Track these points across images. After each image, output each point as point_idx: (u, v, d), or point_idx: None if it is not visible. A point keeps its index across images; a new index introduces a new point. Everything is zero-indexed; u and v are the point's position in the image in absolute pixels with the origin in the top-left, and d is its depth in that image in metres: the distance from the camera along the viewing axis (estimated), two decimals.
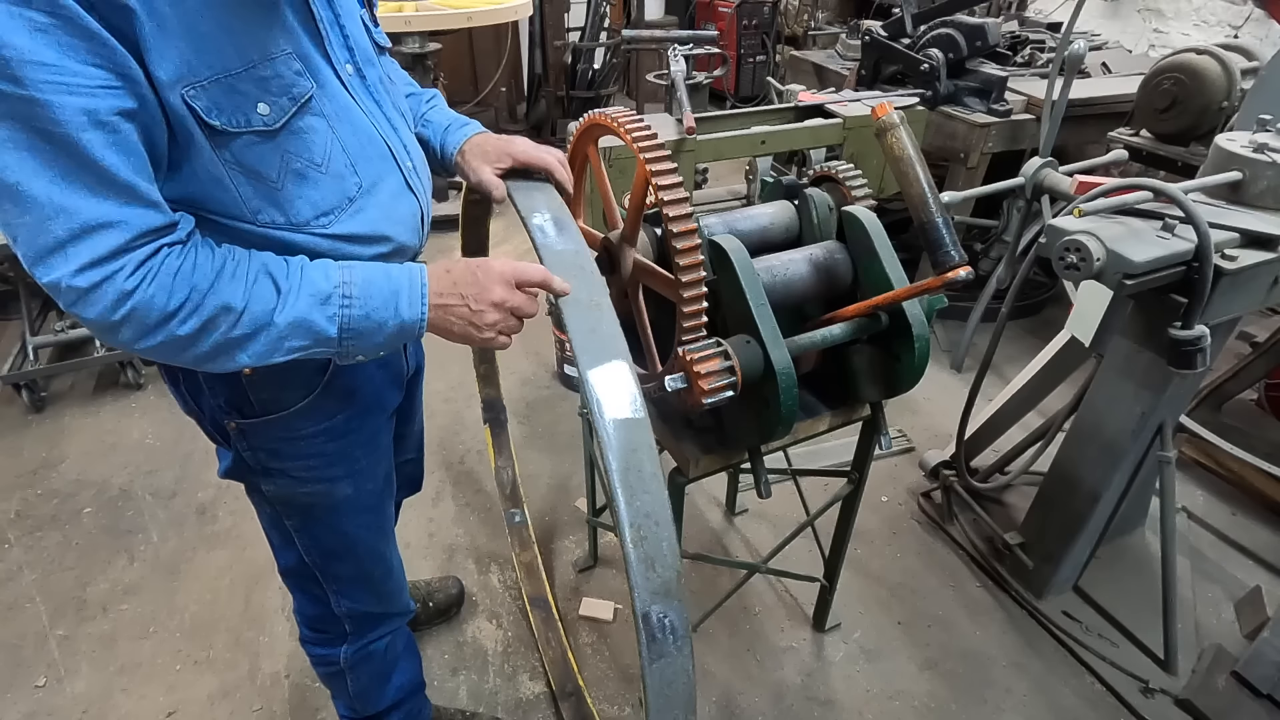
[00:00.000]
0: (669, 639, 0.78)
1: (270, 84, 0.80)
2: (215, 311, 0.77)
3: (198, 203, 0.82)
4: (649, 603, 0.77)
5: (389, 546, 1.29)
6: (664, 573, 0.78)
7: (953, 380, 2.93)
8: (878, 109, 1.07)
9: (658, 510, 0.79)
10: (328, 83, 0.89)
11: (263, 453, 1.04)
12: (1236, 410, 2.53)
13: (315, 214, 0.88)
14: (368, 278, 0.86)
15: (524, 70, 5.69)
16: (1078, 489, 1.83)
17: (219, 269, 0.78)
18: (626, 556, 0.77)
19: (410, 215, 1.01)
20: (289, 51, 0.82)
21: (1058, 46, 2.05)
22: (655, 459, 0.81)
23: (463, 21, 3.59)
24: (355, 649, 1.32)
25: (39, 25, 0.64)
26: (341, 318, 0.83)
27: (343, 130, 0.90)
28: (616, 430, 0.81)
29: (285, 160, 0.83)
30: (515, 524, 2.13)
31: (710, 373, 1.03)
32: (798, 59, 3.90)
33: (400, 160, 1.00)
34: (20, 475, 2.42)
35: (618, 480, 0.79)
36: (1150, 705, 1.72)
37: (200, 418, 1.05)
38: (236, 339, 0.79)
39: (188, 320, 0.76)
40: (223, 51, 0.76)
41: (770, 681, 1.81)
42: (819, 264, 1.23)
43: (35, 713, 1.73)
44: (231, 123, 0.78)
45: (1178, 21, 4.26)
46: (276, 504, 1.12)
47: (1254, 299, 1.50)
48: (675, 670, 0.78)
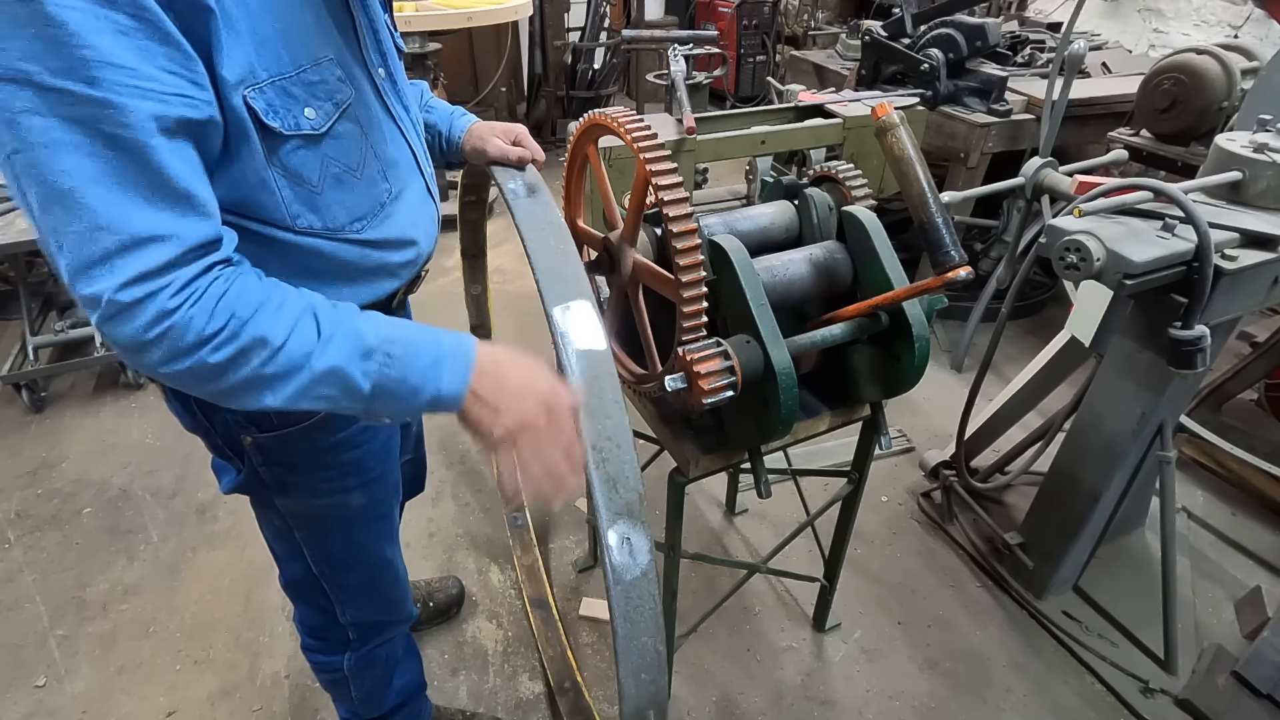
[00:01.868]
0: (633, 560, 0.78)
1: (317, 89, 0.81)
2: (252, 343, 0.72)
3: (241, 208, 0.81)
4: (611, 522, 0.78)
5: (396, 553, 1.29)
6: (626, 494, 0.79)
7: (953, 380, 2.93)
8: (878, 109, 1.07)
9: (619, 434, 0.81)
10: (363, 90, 0.90)
11: (279, 467, 1.03)
12: (1236, 410, 2.53)
13: (350, 219, 0.89)
14: (415, 339, 0.80)
15: (524, 70, 5.69)
16: (1078, 489, 1.83)
17: (263, 300, 0.74)
18: (589, 478, 0.79)
19: (430, 221, 1.04)
20: (330, 57, 0.83)
21: (1058, 46, 2.05)
22: (617, 386, 0.84)
23: (463, 21, 3.59)
24: (358, 656, 1.32)
25: (122, 28, 0.63)
26: (378, 375, 0.77)
27: (375, 137, 0.91)
28: (580, 359, 0.85)
29: (325, 165, 0.84)
30: (517, 527, 2.14)
31: (710, 373, 1.03)
32: (798, 59, 3.90)
33: (423, 167, 1.03)
34: (20, 475, 2.42)
35: (581, 405, 0.81)
36: (1150, 705, 1.72)
37: (210, 433, 1.02)
38: (267, 377, 0.74)
39: (222, 348, 0.72)
40: (278, 54, 0.77)
41: (770, 681, 1.81)
42: (819, 264, 1.23)
43: (35, 713, 1.73)
44: (284, 125, 0.78)
45: (1178, 21, 4.26)
46: (289, 517, 1.11)
47: (1254, 299, 1.50)
48: (641, 593, 0.78)
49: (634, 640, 0.78)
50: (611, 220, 1.27)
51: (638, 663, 0.78)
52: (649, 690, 0.79)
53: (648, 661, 0.78)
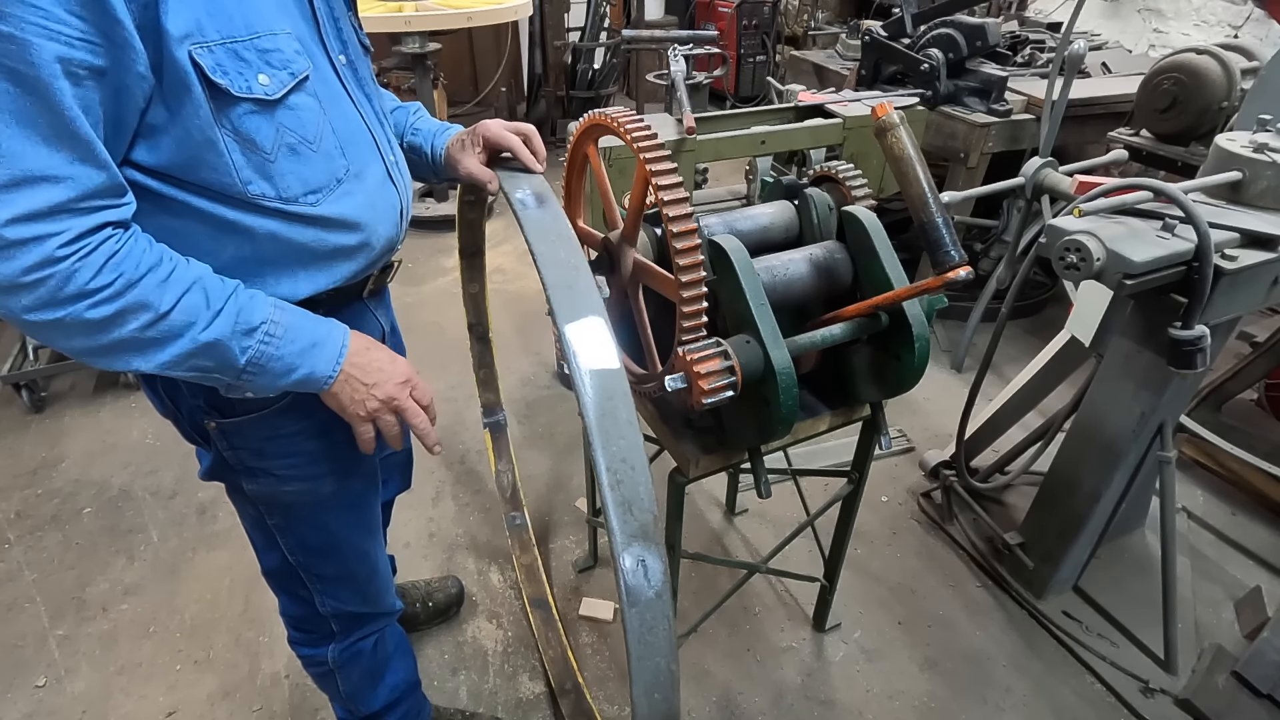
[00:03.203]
0: (647, 583, 0.78)
1: (271, 56, 0.82)
2: (134, 305, 0.76)
3: (186, 170, 0.81)
4: (626, 545, 0.77)
5: (374, 545, 1.28)
6: (641, 516, 0.79)
7: (953, 380, 2.93)
8: (878, 109, 1.07)
9: (633, 455, 0.80)
10: (322, 67, 0.92)
11: (244, 452, 1.04)
12: (1236, 410, 2.53)
13: (305, 190, 0.89)
14: (296, 322, 0.88)
15: (524, 70, 5.69)
16: (1078, 489, 1.83)
17: (153, 265, 0.77)
18: (604, 501, 0.78)
19: (391, 208, 1.03)
20: (289, 32, 0.85)
21: (1058, 46, 2.05)
22: (631, 406, 0.83)
23: (463, 21, 3.60)
24: (342, 648, 1.32)
25: None
26: (255, 352, 0.84)
27: (334, 114, 0.92)
28: (593, 379, 0.83)
29: (280, 134, 0.84)
30: (515, 527, 2.13)
31: (710, 373, 1.03)
32: (798, 59, 3.90)
33: (384, 153, 1.02)
34: (20, 475, 2.42)
35: (594, 426, 0.80)
36: (1150, 705, 1.72)
37: (178, 419, 1.05)
38: (144, 341, 0.78)
39: (101, 305, 0.74)
40: (231, 18, 0.78)
41: (770, 681, 1.81)
42: (819, 264, 1.23)
43: (35, 713, 1.73)
44: (235, 86, 0.79)
45: (1178, 21, 4.26)
46: (259, 503, 1.12)
47: (1254, 299, 1.50)
48: (655, 614, 0.78)
49: (647, 661, 0.79)
50: (611, 220, 1.27)
51: (651, 682, 0.79)
52: (662, 709, 0.80)
53: (660, 681, 0.80)
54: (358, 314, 1.10)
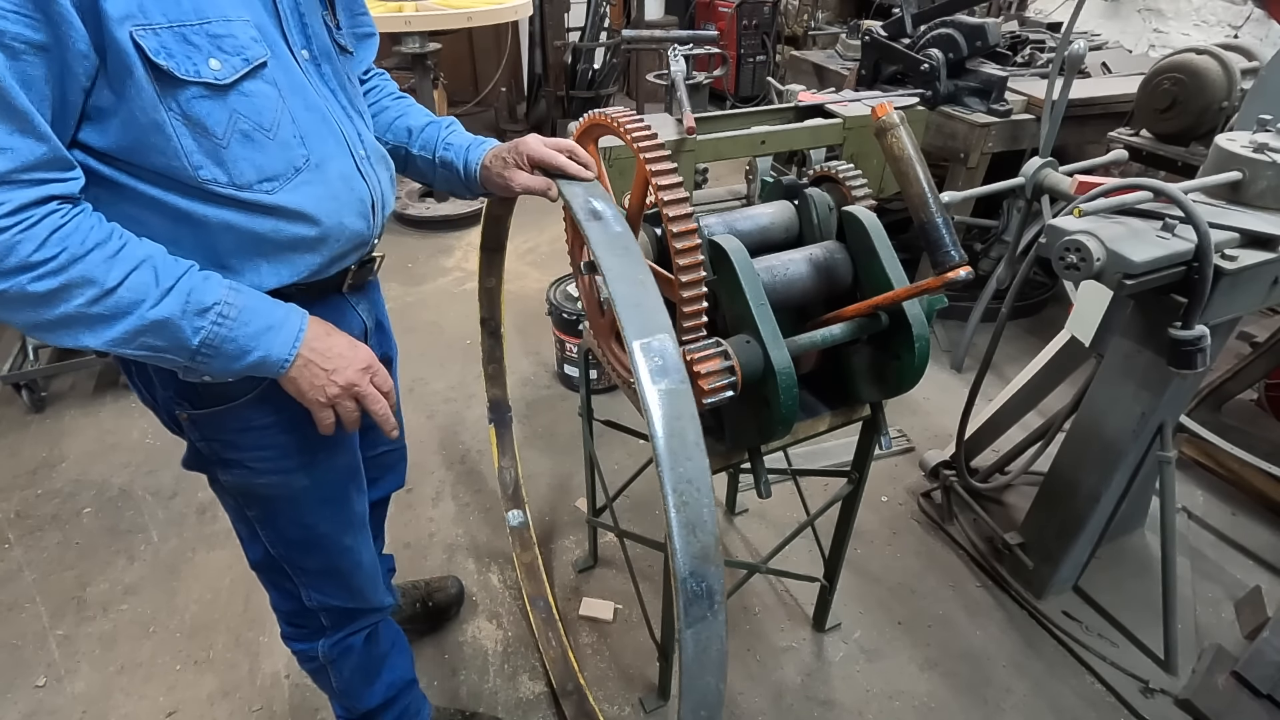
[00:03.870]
0: (706, 603, 0.79)
1: (224, 42, 0.82)
2: (78, 279, 0.75)
3: (135, 154, 0.81)
4: (688, 565, 0.78)
5: (356, 540, 1.27)
6: (704, 538, 0.79)
7: (953, 380, 2.94)
8: (878, 109, 1.07)
9: (699, 477, 0.80)
10: (283, 56, 0.91)
11: (217, 443, 1.05)
12: (1236, 410, 2.53)
13: (260, 178, 0.88)
14: (251, 305, 0.88)
15: (524, 70, 5.69)
16: (1078, 489, 1.83)
17: (100, 240, 0.77)
18: (669, 522, 0.79)
19: (359, 201, 1.02)
20: (246, 19, 0.85)
21: (1058, 46, 2.05)
22: (698, 428, 0.83)
23: (463, 21, 3.60)
24: (333, 643, 1.32)
25: None
26: (208, 333, 0.83)
27: (294, 103, 0.91)
28: (662, 400, 0.82)
29: (233, 120, 0.84)
30: (516, 525, 2.13)
31: (710, 373, 1.03)
32: (798, 59, 3.90)
33: (353, 147, 1.01)
34: (20, 475, 2.42)
35: (663, 447, 0.80)
36: (1150, 705, 1.72)
37: (155, 409, 1.06)
38: (91, 317, 0.78)
39: (45, 279, 0.74)
40: (180, 3, 0.78)
41: (770, 681, 1.81)
42: (819, 264, 1.23)
43: (35, 713, 1.73)
44: (180, 69, 0.78)
45: (1178, 21, 4.26)
46: (236, 495, 1.12)
47: (1254, 299, 1.50)
48: (710, 634, 0.80)
49: (699, 680, 0.81)
50: None
51: (699, 700, 0.81)
52: None
53: (709, 700, 0.82)
54: (336, 308, 1.10)
